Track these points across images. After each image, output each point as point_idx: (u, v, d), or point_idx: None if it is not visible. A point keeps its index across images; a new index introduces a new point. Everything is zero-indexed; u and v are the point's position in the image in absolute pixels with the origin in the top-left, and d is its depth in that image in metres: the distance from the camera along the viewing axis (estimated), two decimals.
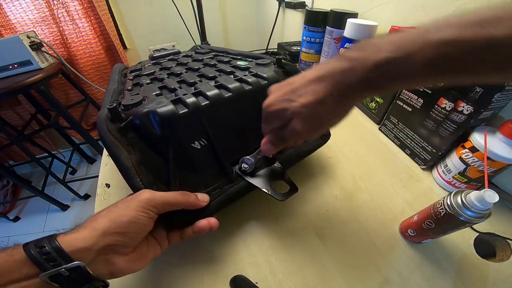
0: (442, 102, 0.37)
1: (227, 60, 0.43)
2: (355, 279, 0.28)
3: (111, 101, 0.32)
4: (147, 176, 0.26)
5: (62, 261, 0.18)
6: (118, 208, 0.22)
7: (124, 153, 0.25)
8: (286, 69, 0.38)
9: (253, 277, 0.28)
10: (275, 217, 0.34)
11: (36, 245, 0.18)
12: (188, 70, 0.40)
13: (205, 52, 0.53)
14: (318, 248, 0.31)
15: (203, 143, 0.29)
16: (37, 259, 0.17)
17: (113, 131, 0.26)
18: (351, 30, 0.55)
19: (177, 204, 0.24)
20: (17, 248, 0.18)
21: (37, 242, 0.18)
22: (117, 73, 0.44)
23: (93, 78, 1.17)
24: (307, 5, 0.86)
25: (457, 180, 0.36)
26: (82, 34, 1.07)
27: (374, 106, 0.53)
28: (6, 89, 0.81)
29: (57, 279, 0.18)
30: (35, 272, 0.17)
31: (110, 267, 0.20)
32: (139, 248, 0.23)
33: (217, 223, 0.27)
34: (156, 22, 1.22)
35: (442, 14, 0.43)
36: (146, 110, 0.27)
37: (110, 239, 0.20)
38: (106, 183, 0.41)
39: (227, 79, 0.33)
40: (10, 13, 0.97)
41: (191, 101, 0.28)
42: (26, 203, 1.41)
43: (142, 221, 0.22)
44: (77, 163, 1.64)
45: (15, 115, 1.25)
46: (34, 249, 0.18)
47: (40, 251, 0.18)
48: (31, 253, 0.17)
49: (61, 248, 0.18)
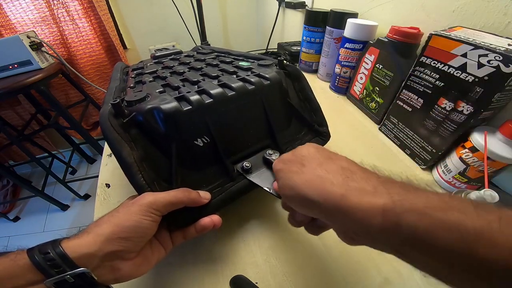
0: (442, 102, 0.37)
1: (229, 61, 0.43)
2: (355, 279, 0.28)
3: (113, 98, 0.32)
4: (149, 173, 0.26)
5: (67, 267, 0.18)
6: (121, 213, 0.21)
7: (127, 149, 0.25)
8: (287, 70, 0.39)
9: (253, 277, 0.28)
10: (275, 217, 0.34)
11: (40, 251, 0.18)
12: (190, 69, 0.41)
13: (207, 52, 0.54)
14: (318, 248, 0.31)
15: (205, 140, 0.29)
16: (41, 265, 0.17)
17: (116, 127, 0.26)
18: (351, 30, 0.55)
19: (179, 202, 0.24)
20: (21, 254, 0.18)
21: (41, 248, 0.18)
22: (118, 71, 0.44)
23: (93, 78, 1.17)
24: (307, 5, 0.86)
25: (457, 180, 0.36)
26: (82, 34, 1.07)
27: (374, 106, 0.53)
28: (6, 89, 0.81)
29: (61, 286, 0.18)
30: (40, 278, 0.17)
31: (115, 273, 0.20)
32: (143, 252, 0.23)
33: (220, 220, 0.27)
34: (156, 22, 1.22)
35: (442, 14, 0.43)
36: (150, 106, 0.27)
37: (114, 244, 0.20)
38: (106, 183, 0.41)
39: (230, 79, 0.33)
40: (10, 13, 0.97)
41: (195, 98, 0.28)
42: (26, 203, 1.41)
43: (145, 225, 0.21)
44: (77, 163, 1.64)
45: (15, 115, 1.25)
46: (38, 255, 0.18)
47: (45, 257, 0.17)
48: (35, 259, 0.17)
49: (66, 254, 0.18)
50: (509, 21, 0.34)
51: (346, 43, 0.57)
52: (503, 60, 0.28)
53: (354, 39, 0.55)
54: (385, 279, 0.28)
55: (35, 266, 0.17)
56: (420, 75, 0.39)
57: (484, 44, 0.30)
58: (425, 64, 0.38)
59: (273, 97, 0.34)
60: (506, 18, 0.34)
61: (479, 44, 0.30)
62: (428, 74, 0.38)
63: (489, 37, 0.32)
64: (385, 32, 0.48)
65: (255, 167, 0.31)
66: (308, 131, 0.38)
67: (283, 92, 0.36)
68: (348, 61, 0.59)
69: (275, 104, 0.34)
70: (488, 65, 0.30)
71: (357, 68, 0.57)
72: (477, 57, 0.31)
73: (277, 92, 0.35)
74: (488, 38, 0.32)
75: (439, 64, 0.36)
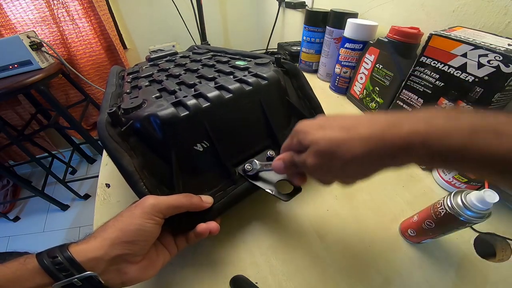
0: (442, 102, 0.37)
1: (225, 60, 0.42)
2: (355, 279, 0.28)
3: (110, 105, 0.32)
4: (151, 180, 0.26)
5: (75, 271, 0.18)
6: (124, 217, 0.22)
7: (127, 157, 0.25)
8: (285, 68, 0.38)
9: (253, 277, 0.28)
10: (275, 217, 0.34)
11: (49, 255, 0.18)
12: (186, 71, 0.40)
13: (203, 52, 0.53)
14: (318, 248, 0.31)
15: (205, 145, 0.29)
16: (50, 269, 0.18)
17: (115, 136, 0.26)
18: (351, 30, 0.55)
19: (181, 206, 0.24)
20: (30, 258, 0.18)
21: (49, 252, 0.19)
22: (114, 76, 0.44)
23: (93, 78, 1.17)
24: (307, 5, 0.86)
25: (457, 180, 0.36)
26: (82, 34, 1.07)
27: (374, 106, 0.53)
28: (6, 89, 0.81)
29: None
30: (48, 281, 0.18)
31: (122, 277, 0.21)
32: (148, 256, 0.23)
33: (217, 227, 0.26)
34: (156, 22, 1.22)
35: (442, 14, 0.43)
36: (147, 113, 0.27)
37: (120, 248, 0.20)
38: (106, 183, 0.41)
39: (227, 80, 0.33)
40: (10, 13, 0.97)
41: (191, 103, 0.28)
42: (26, 203, 1.41)
43: (149, 228, 0.22)
44: (77, 163, 1.64)
45: (15, 115, 1.25)
46: (47, 259, 0.18)
47: (53, 261, 0.18)
48: (44, 263, 0.18)
49: (74, 258, 0.18)
50: (509, 21, 0.34)
51: (346, 43, 0.57)
52: (503, 60, 0.28)
53: (354, 39, 0.55)
54: (385, 279, 0.28)
55: (43, 269, 0.18)
56: (420, 75, 0.39)
57: (484, 44, 0.30)
58: (425, 64, 0.38)
59: (271, 96, 0.34)
60: (506, 18, 0.34)
61: (479, 44, 0.30)
62: (428, 74, 0.38)
63: (489, 37, 0.32)
64: (385, 32, 0.48)
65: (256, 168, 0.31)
66: None
67: (281, 90, 0.36)
68: (348, 61, 0.59)
69: (273, 103, 0.34)
70: (488, 65, 0.30)
71: (357, 68, 0.57)
72: (477, 57, 0.31)
73: (276, 91, 0.35)
74: (488, 38, 0.32)
75: (439, 64, 0.36)
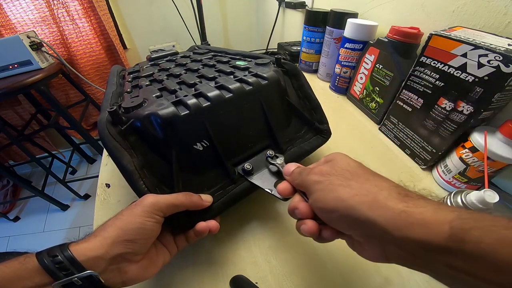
0: (442, 102, 0.37)
1: (226, 60, 0.42)
2: (355, 280, 0.28)
3: (110, 104, 0.32)
4: (151, 179, 0.26)
5: (75, 270, 0.18)
6: (125, 216, 0.22)
7: (127, 156, 0.25)
8: (285, 68, 0.38)
9: (253, 277, 0.28)
10: (275, 217, 0.34)
11: (49, 254, 0.18)
12: (187, 71, 0.40)
13: (203, 52, 0.53)
14: (318, 248, 0.31)
15: (205, 144, 0.29)
16: (50, 268, 0.17)
17: (115, 135, 0.26)
18: (351, 30, 0.55)
19: (181, 205, 0.24)
20: (29, 257, 0.18)
21: (49, 251, 0.18)
22: (114, 75, 0.44)
23: (93, 78, 1.17)
24: (307, 5, 0.86)
25: (457, 180, 0.36)
26: (82, 34, 1.07)
27: (374, 106, 0.53)
28: (6, 89, 0.81)
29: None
30: (48, 281, 0.17)
31: (122, 276, 0.21)
32: (148, 255, 0.23)
33: (217, 226, 0.27)
34: (156, 22, 1.22)
35: (442, 14, 0.43)
36: (147, 112, 0.27)
37: (121, 247, 0.20)
38: (106, 183, 0.41)
39: (227, 80, 0.33)
40: (10, 13, 0.97)
41: (192, 102, 0.28)
42: (26, 203, 1.41)
43: (149, 226, 0.22)
44: (77, 163, 1.64)
45: (15, 115, 1.25)
46: (47, 258, 0.18)
47: (53, 260, 0.18)
48: (44, 262, 0.18)
49: (74, 257, 0.18)
50: (509, 21, 0.34)
51: (346, 43, 0.57)
52: (503, 60, 0.28)
53: (354, 39, 0.55)
54: (385, 279, 0.28)
55: (43, 268, 0.17)
56: (420, 75, 0.39)
57: (484, 44, 0.30)
58: (425, 64, 0.38)
59: (271, 96, 0.34)
60: (506, 18, 0.34)
61: (479, 44, 0.30)
62: (428, 74, 0.38)
63: (489, 37, 0.32)
64: (385, 32, 0.48)
65: (256, 168, 0.31)
66: (309, 129, 0.38)
67: (281, 90, 0.36)
68: (348, 61, 0.59)
69: (274, 103, 0.34)
70: (488, 65, 0.30)
71: (357, 68, 0.57)
72: (477, 57, 0.31)
73: (276, 91, 0.35)
74: (488, 38, 0.32)
75: (439, 64, 0.36)
